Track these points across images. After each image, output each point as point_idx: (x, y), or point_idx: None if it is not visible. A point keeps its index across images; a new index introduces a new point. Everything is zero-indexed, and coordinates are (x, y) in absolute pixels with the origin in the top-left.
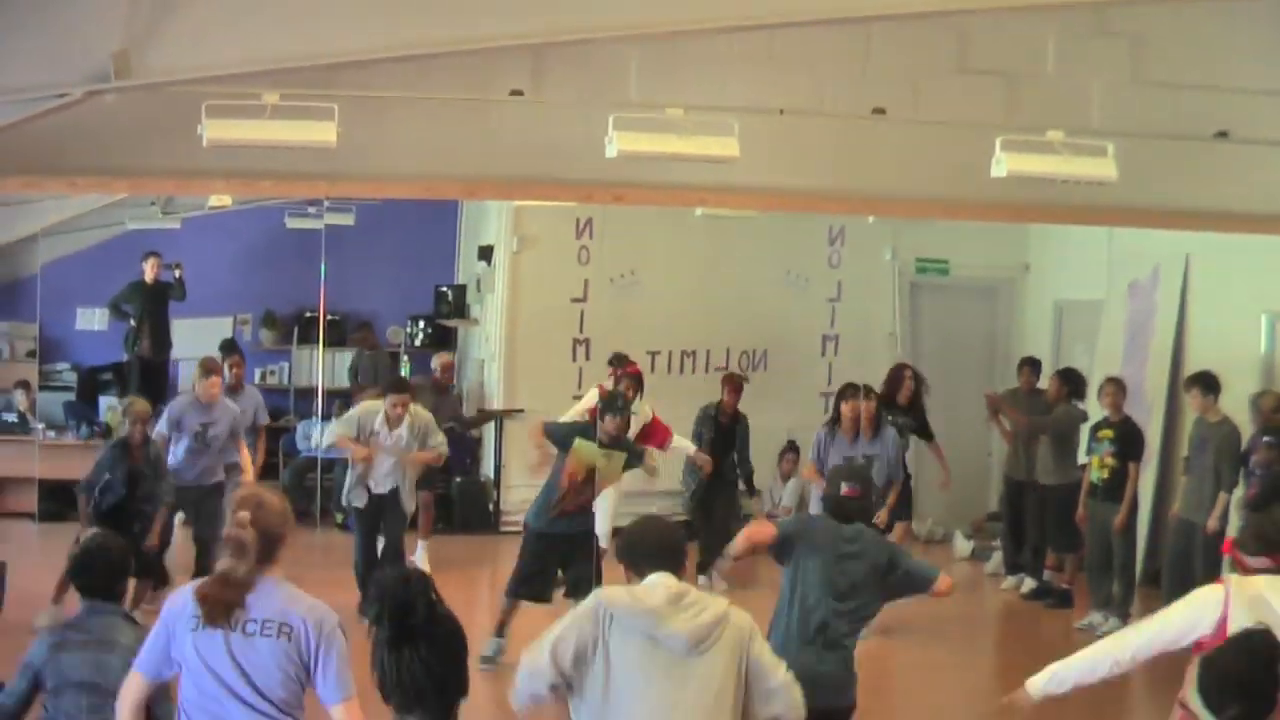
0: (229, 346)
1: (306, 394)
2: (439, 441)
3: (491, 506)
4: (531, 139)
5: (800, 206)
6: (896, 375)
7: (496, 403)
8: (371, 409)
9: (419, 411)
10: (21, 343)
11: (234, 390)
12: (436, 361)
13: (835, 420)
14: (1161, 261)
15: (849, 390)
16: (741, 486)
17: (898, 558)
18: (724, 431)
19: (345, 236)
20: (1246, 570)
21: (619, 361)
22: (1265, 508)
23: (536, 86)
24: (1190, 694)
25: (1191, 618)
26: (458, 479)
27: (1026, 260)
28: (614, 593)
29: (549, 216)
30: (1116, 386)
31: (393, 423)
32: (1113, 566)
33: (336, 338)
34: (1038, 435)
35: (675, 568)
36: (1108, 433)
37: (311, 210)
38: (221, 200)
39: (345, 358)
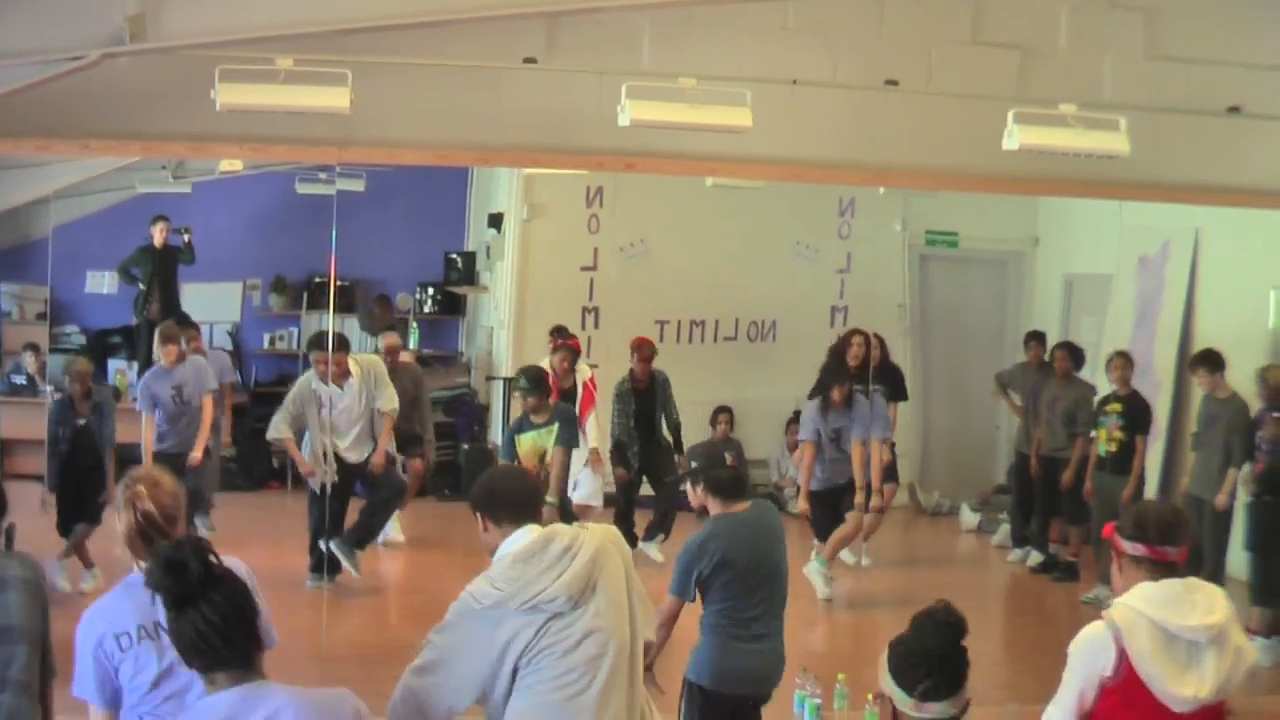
0: (183, 320)
1: None
2: (388, 397)
3: None
4: (544, 107)
5: (812, 178)
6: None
7: (505, 370)
8: (304, 380)
9: (364, 360)
10: (31, 305)
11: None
12: (381, 342)
13: (826, 400)
14: (1172, 236)
15: (841, 375)
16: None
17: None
18: (643, 398)
19: (355, 202)
20: (1121, 554)
21: (560, 333)
22: (1274, 483)
23: (549, 54)
24: (883, 679)
25: (1087, 665)
26: (465, 445)
27: (1036, 233)
28: (478, 590)
29: (559, 185)
30: (1124, 360)
31: (338, 381)
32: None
33: (346, 303)
34: (1054, 409)
35: (535, 518)
36: (1116, 406)
37: (322, 176)
38: (232, 165)
39: (353, 323)
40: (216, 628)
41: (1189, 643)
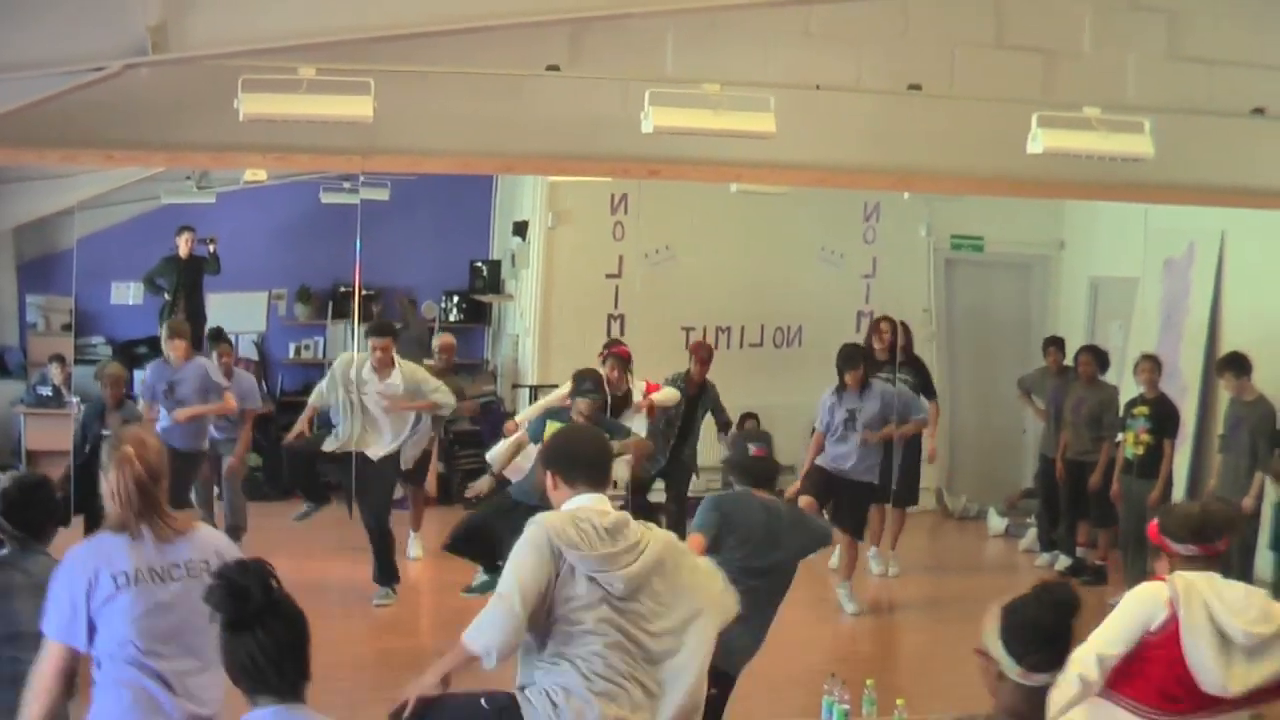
0: (216, 335)
1: None
2: (443, 391)
3: None
4: (567, 114)
5: (837, 183)
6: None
7: (531, 378)
8: (348, 359)
9: (406, 365)
10: (57, 316)
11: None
12: (436, 343)
13: (841, 386)
14: (1197, 238)
15: (854, 357)
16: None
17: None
18: (689, 403)
19: (380, 212)
20: (1172, 556)
21: (606, 345)
22: None
23: (573, 62)
24: (989, 640)
25: (1140, 618)
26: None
27: (1062, 237)
28: (559, 529)
29: (584, 192)
30: (1152, 363)
31: (381, 372)
32: (1147, 543)
33: (371, 313)
34: (1079, 413)
35: (604, 485)
36: (1143, 409)
37: (346, 185)
38: (256, 175)
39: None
40: (270, 655)
41: (1230, 641)
